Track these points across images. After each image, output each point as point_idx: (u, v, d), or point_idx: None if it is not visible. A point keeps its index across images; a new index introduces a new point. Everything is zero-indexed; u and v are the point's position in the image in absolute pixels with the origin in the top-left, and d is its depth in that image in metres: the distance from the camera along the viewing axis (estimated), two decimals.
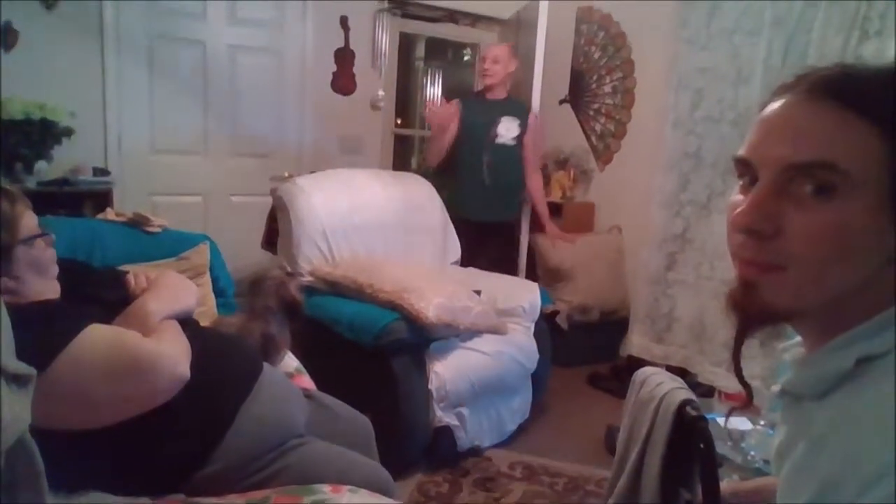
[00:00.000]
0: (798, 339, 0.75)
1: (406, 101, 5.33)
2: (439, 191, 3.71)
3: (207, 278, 2.34)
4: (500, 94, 3.59)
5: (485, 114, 3.57)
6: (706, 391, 3.28)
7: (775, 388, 0.75)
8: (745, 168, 0.69)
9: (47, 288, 1.43)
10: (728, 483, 1.15)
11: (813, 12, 2.96)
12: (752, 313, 0.68)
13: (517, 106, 3.64)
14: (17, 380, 0.77)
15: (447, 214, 3.69)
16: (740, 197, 0.68)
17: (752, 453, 2.01)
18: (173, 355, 1.30)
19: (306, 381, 2.03)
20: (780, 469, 0.72)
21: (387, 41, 4.28)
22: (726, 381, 3.30)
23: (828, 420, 0.64)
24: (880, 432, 0.57)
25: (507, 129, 3.56)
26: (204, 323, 1.80)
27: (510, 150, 3.58)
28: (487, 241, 3.72)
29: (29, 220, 1.40)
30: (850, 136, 0.61)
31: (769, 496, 0.94)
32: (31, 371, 0.80)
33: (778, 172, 0.64)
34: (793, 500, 0.66)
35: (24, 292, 1.37)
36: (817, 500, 0.61)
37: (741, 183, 0.70)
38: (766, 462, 1.92)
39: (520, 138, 3.58)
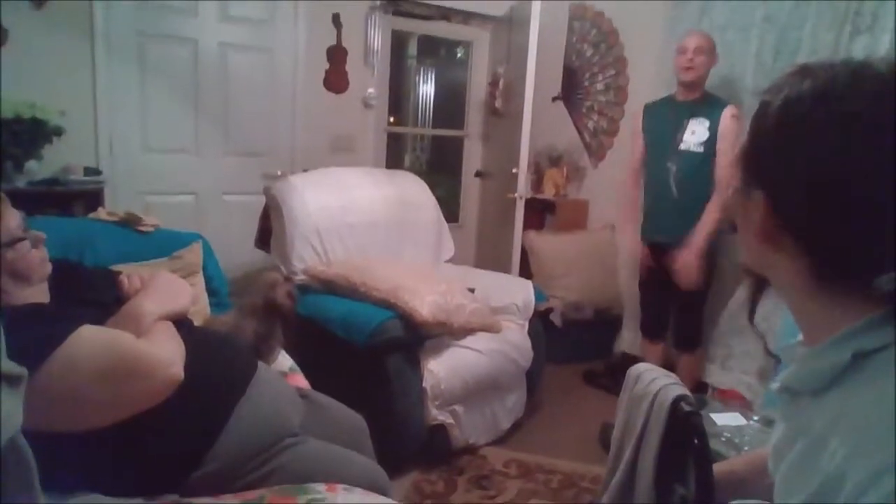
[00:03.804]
0: (800, 338, 0.76)
1: (399, 99, 5.32)
2: (433, 189, 3.71)
3: (200, 277, 2.34)
4: (693, 93, 3.03)
5: (672, 117, 3.06)
6: (700, 387, 3.29)
7: (774, 385, 0.76)
8: None
9: (33, 293, 1.40)
10: (719, 465, 1.16)
11: (804, 8, 2.98)
12: (744, 269, 0.82)
13: (711, 105, 3.00)
14: (8, 380, 0.76)
15: (440, 212, 3.69)
16: None
17: (746, 449, 2.01)
18: (167, 357, 1.29)
19: (301, 380, 2.03)
20: (778, 466, 0.72)
21: (379, 39, 4.27)
22: (719, 378, 3.32)
23: (827, 418, 0.64)
24: (880, 430, 0.57)
25: (693, 133, 2.99)
26: (197, 322, 1.79)
27: (697, 157, 2.96)
28: (669, 268, 3.03)
29: (8, 222, 1.35)
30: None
31: (761, 471, 0.95)
32: (22, 371, 0.80)
33: None
34: (791, 499, 0.66)
35: (6, 300, 1.33)
36: (817, 499, 0.61)
37: None
38: None
39: (710, 144, 2.94)
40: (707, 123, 2.96)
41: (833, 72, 0.67)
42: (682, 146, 3.00)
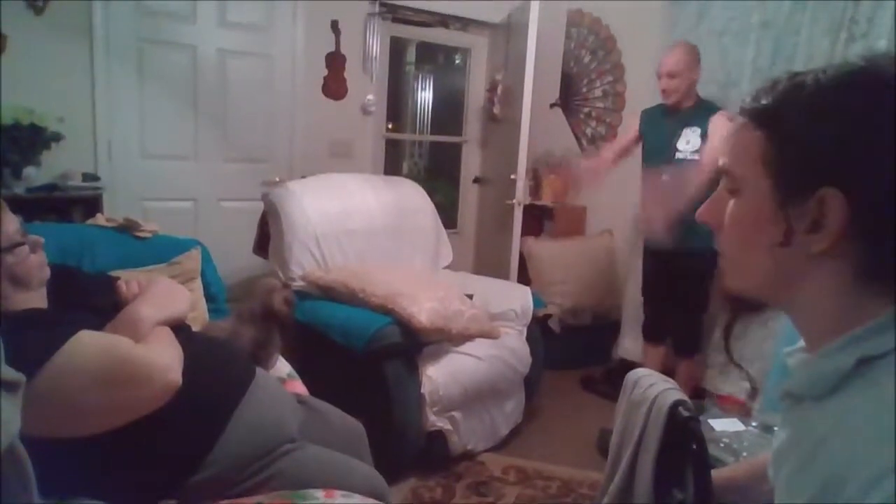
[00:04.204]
0: (802, 343, 0.76)
1: (397, 105, 5.33)
2: (431, 195, 3.71)
3: (199, 283, 2.34)
4: (686, 102, 3.03)
5: (667, 126, 3.06)
6: (698, 392, 3.29)
7: (777, 391, 0.76)
8: None
9: (31, 298, 1.40)
10: (719, 471, 1.16)
11: (800, 14, 2.99)
12: (729, 299, 0.78)
13: (704, 112, 2.99)
14: (6, 386, 0.76)
15: (439, 218, 3.69)
16: None
17: (745, 455, 2.01)
18: (165, 362, 1.29)
19: (299, 387, 2.03)
20: (779, 471, 0.72)
21: (378, 45, 4.28)
22: (718, 383, 3.32)
23: (828, 422, 0.64)
24: (881, 433, 0.57)
25: (687, 142, 2.99)
26: (195, 328, 1.79)
27: (692, 165, 2.92)
28: (670, 274, 3.13)
29: (7, 228, 1.36)
30: (744, 145, 0.72)
31: (761, 477, 0.95)
32: (20, 377, 0.80)
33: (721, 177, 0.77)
34: (792, 502, 0.66)
35: (5, 305, 1.33)
36: (817, 500, 0.61)
37: None
38: None
39: (702, 151, 2.94)
40: (699, 131, 2.96)
41: (868, 57, 0.66)
42: (679, 155, 3.00)
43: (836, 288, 0.67)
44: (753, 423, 2.25)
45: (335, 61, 4.15)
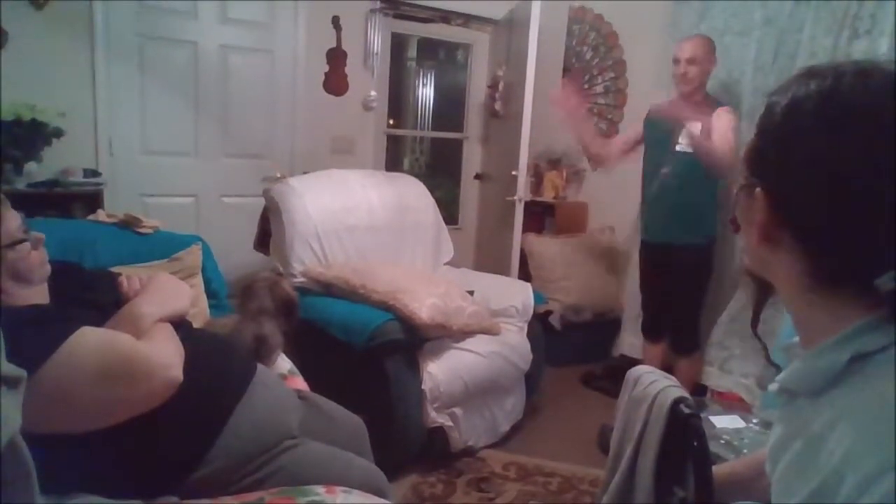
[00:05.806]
0: (797, 339, 0.76)
1: (398, 101, 5.33)
2: (432, 191, 3.71)
3: (200, 279, 2.34)
4: (694, 95, 3.00)
5: (671, 120, 3.01)
6: (698, 389, 3.29)
7: (773, 386, 0.76)
8: None
9: (33, 294, 1.40)
10: (720, 468, 1.16)
11: (803, 12, 2.98)
12: (752, 276, 0.83)
13: (709, 109, 2.96)
14: (7, 382, 0.77)
15: (440, 215, 3.69)
16: None
17: (745, 451, 2.01)
18: (166, 358, 1.29)
19: (300, 383, 2.03)
20: (775, 467, 0.72)
21: (379, 41, 4.27)
22: (718, 380, 3.32)
23: (825, 418, 0.64)
24: (879, 429, 0.57)
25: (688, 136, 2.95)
26: (196, 325, 1.80)
27: (691, 157, 2.91)
28: (663, 267, 3.14)
29: (9, 224, 1.36)
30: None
31: (761, 473, 0.95)
32: (21, 373, 0.80)
33: None
34: (789, 499, 0.66)
35: (7, 301, 1.34)
36: (815, 498, 0.61)
37: None
38: None
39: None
40: (701, 127, 2.91)
41: (839, 71, 0.68)
42: (678, 147, 2.99)
43: (799, 287, 0.71)
44: (754, 420, 2.25)
45: (336, 57, 4.15)
